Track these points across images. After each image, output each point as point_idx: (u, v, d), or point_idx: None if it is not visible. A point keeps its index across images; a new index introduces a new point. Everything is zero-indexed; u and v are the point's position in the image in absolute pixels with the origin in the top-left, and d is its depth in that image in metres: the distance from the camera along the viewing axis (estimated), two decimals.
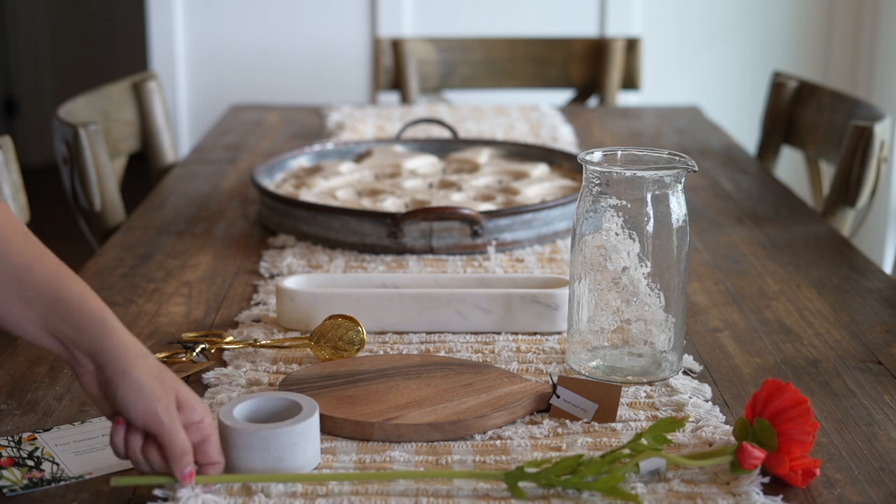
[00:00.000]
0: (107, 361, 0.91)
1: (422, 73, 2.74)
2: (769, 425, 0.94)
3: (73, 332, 0.91)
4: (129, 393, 0.90)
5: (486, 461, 0.97)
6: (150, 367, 0.91)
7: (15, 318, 0.91)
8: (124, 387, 0.90)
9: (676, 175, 1.11)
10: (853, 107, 1.96)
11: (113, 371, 0.90)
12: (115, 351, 0.91)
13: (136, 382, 0.90)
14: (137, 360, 0.91)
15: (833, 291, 1.41)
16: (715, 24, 3.39)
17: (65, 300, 0.92)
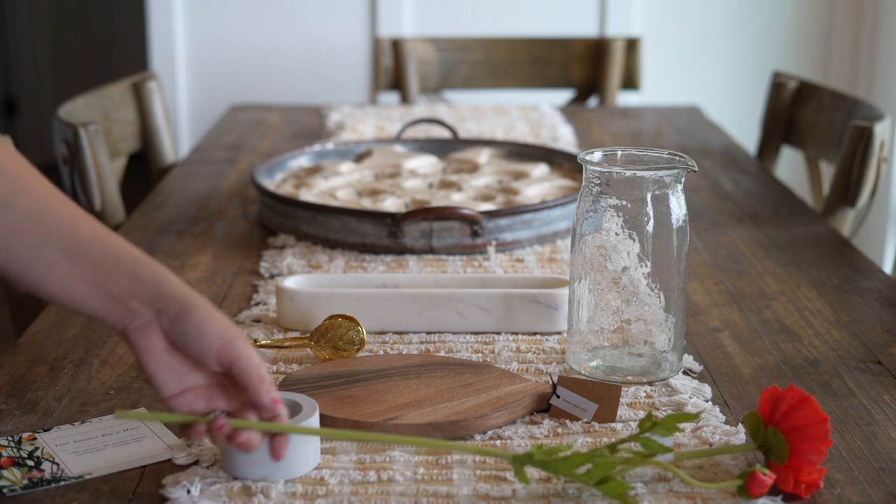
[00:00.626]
0: (169, 302, 0.89)
1: (422, 73, 2.74)
2: (784, 440, 0.93)
3: (130, 281, 0.89)
4: (201, 322, 0.88)
5: (487, 461, 0.97)
6: (210, 304, 0.91)
7: (61, 278, 0.89)
8: (195, 318, 0.88)
9: (676, 175, 1.11)
10: (853, 107, 1.96)
11: (178, 308, 0.88)
12: (176, 290, 0.89)
13: (206, 311, 0.89)
14: (199, 297, 0.90)
15: (833, 291, 1.41)
16: (715, 24, 3.39)
17: (115, 252, 0.90)
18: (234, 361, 0.89)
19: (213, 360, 0.89)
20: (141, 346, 0.90)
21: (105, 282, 0.89)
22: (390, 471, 0.95)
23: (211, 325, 0.89)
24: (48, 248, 0.89)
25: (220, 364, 0.90)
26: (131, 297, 0.89)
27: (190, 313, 0.89)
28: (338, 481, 0.94)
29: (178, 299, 0.89)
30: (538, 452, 0.90)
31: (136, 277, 0.89)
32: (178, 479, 0.94)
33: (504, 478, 0.94)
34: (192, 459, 0.97)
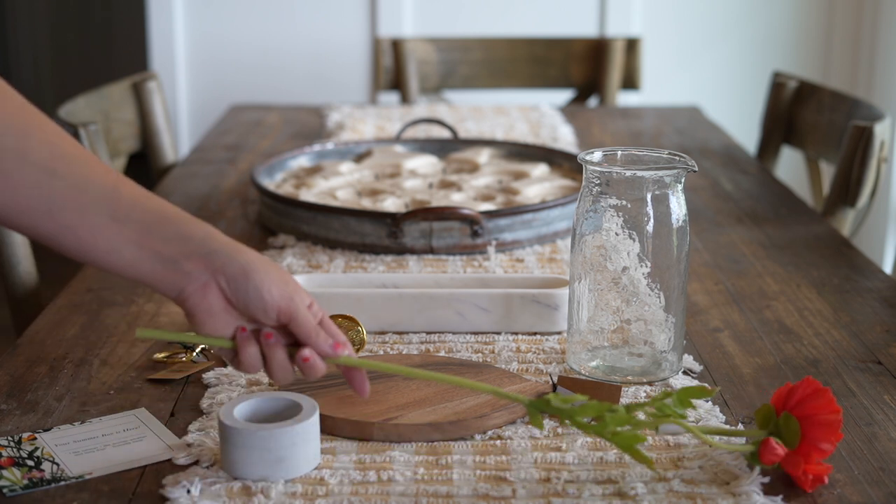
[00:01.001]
0: (226, 261, 0.88)
1: (422, 73, 2.74)
2: (797, 423, 0.93)
3: (181, 241, 0.88)
4: (261, 281, 0.88)
5: (486, 461, 0.97)
6: (264, 258, 0.91)
7: (109, 242, 0.88)
8: (256, 278, 0.88)
9: (676, 175, 1.11)
10: (853, 107, 1.96)
11: (238, 268, 0.88)
12: (230, 247, 0.89)
13: (265, 269, 0.89)
14: (252, 253, 0.90)
15: (833, 291, 1.41)
16: (715, 23, 3.40)
17: (162, 212, 0.89)
18: (292, 318, 0.90)
19: (274, 318, 0.90)
20: (201, 308, 0.89)
21: (156, 244, 0.88)
22: (390, 471, 0.95)
23: (271, 284, 0.89)
24: (94, 213, 0.88)
25: (279, 321, 0.90)
26: (185, 259, 0.88)
27: (250, 273, 0.89)
28: (338, 481, 0.94)
29: (234, 258, 0.89)
30: (554, 398, 0.91)
31: (187, 238, 0.88)
32: (178, 479, 0.94)
33: (504, 478, 0.94)
34: (192, 459, 0.97)
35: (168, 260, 0.88)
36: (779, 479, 0.95)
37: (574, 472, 0.95)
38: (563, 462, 0.97)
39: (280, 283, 0.89)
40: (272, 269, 0.90)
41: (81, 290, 1.39)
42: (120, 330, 1.27)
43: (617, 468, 0.96)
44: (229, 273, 0.89)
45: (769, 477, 0.95)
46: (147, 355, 1.20)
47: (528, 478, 0.95)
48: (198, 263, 0.89)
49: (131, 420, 1.05)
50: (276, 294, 0.89)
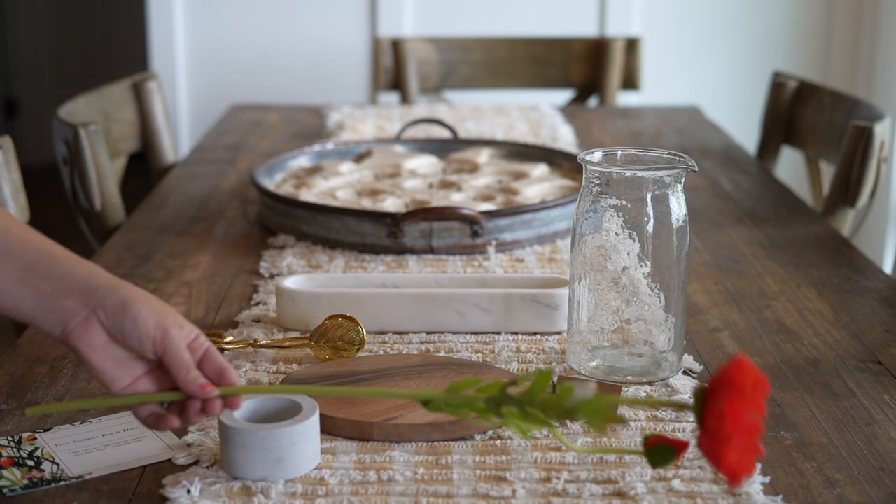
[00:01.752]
0: (105, 295, 0.90)
1: (422, 73, 2.74)
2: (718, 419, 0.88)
3: (63, 279, 0.90)
4: (140, 311, 0.89)
5: (486, 461, 0.97)
6: (145, 292, 0.92)
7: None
8: (133, 308, 0.89)
9: (676, 175, 1.11)
10: (853, 107, 1.96)
11: (116, 301, 0.90)
12: (111, 283, 0.91)
13: (142, 302, 0.90)
14: (134, 288, 0.91)
15: (833, 291, 1.41)
16: (715, 23, 3.39)
17: (49, 252, 0.91)
18: (165, 351, 0.90)
19: (150, 349, 0.90)
20: (83, 343, 0.90)
21: (38, 282, 0.90)
22: (390, 471, 0.95)
23: (147, 316, 0.90)
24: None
25: (155, 353, 0.91)
26: (65, 295, 0.90)
27: (127, 305, 0.90)
28: (338, 481, 0.94)
29: (113, 292, 0.90)
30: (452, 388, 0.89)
31: (69, 275, 0.90)
32: (178, 479, 0.94)
33: (504, 478, 0.94)
34: (192, 459, 0.97)
35: (49, 296, 0.90)
36: (779, 479, 0.95)
37: (574, 471, 0.95)
38: (563, 462, 0.97)
39: (156, 316, 0.90)
40: (151, 302, 0.91)
41: None
42: None
43: (617, 468, 0.96)
44: (108, 307, 0.90)
45: (769, 477, 0.95)
46: None
47: (528, 478, 0.94)
48: (78, 299, 0.90)
49: (131, 420, 1.05)
50: (150, 325, 0.90)
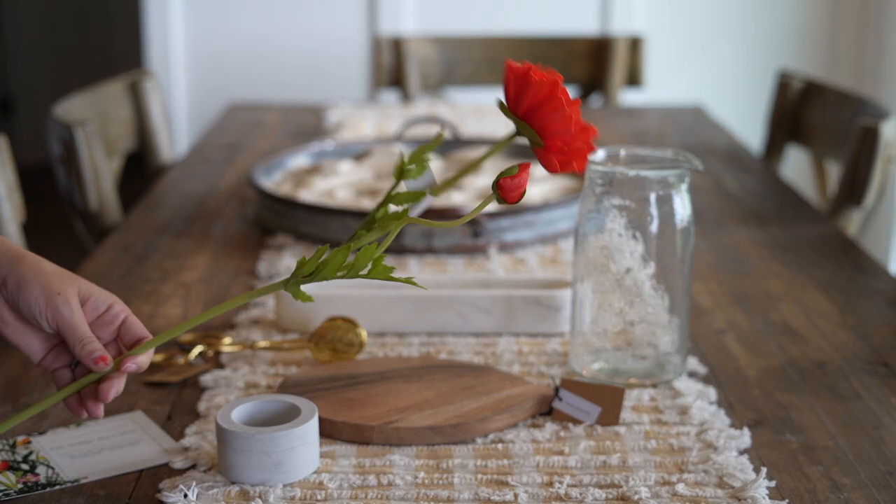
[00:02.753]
0: (7, 275, 0.89)
1: (422, 72, 2.73)
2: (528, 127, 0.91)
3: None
4: (29, 294, 0.88)
5: (488, 465, 0.96)
6: (45, 267, 0.90)
7: None
8: (24, 291, 0.88)
9: (680, 175, 1.10)
10: (859, 106, 1.95)
11: (12, 281, 0.88)
12: (12, 260, 0.89)
13: (33, 282, 0.88)
14: (31, 263, 0.89)
15: (839, 292, 1.39)
16: (719, 20, 3.39)
17: None
18: (61, 328, 0.89)
19: (48, 327, 0.89)
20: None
21: None
22: (390, 475, 0.94)
23: (38, 295, 0.88)
24: None
25: (53, 330, 0.90)
26: None
27: (21, 285, 0.88)
28: (337, 485, 0.93)
29: (13, 270, 0.89)
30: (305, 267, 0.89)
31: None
32: (174, 483, 0.93)
33: (506, 482, 0.93)
34: (190, 463, 0.96)
35: None
36: (785, 483, 0.94)
37: (577, 475, 0.94)
38: (566, 466, 0.96)
39: (46, 294, 0.88)
40: (44, 279, 0.89)
41: None
42: None
43: (620, 472, 0.95)
44: (8, 286, 0.89)
45: (775, 481, 0.94)
46: None
47: (530, 482, 0.93)
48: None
49: (127, 423, 1.04)
50: (41, 304, 0.88)
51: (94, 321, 0.91)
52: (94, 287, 0.91)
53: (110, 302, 0.91)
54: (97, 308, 0.91)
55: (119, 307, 0.91)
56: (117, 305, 0.91)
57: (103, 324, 0.91)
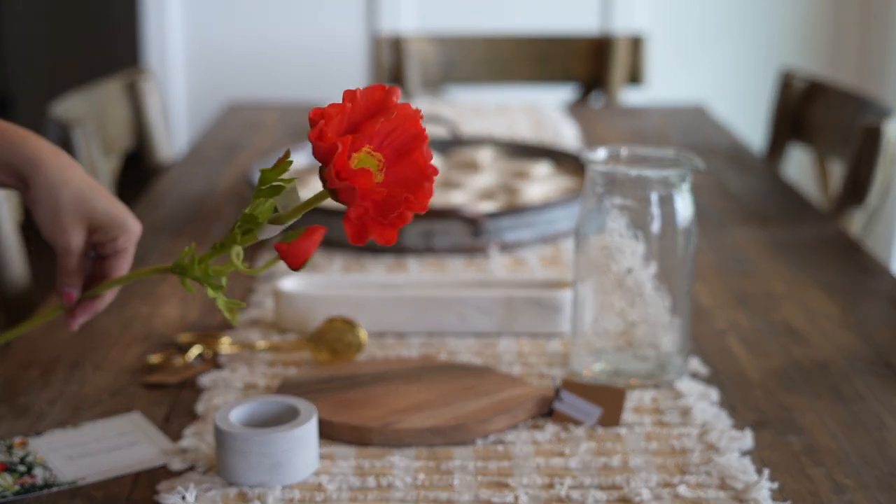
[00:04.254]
0: (30, 170, 0.90)
1: (422, 71, 2.72)
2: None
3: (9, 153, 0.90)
4: (36, 214, 0.91)
5: (488, 466, 0.96)
6: (60, 195, 0.92)
7: None
8: (34, 210, 0.91)
9: (682, 174, 1.09)
10: (862, 105, 1.95)
11: (34, 179, 0.90)
12: (35, 156, 0.91)
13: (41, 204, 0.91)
14: (43, 177, 0.91)
15: (841, 293, 1.39)
16: (721, 19, 3.38)
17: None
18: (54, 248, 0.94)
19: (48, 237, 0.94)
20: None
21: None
22: (390, 476, 0.94)
23: (42, 217, 0.92)
24: None
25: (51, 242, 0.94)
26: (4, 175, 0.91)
27: (33, 205, 0.92)
28: (336, 487, 0.92)
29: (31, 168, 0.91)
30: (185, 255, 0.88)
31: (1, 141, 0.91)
32: (172, 484, 0.92)
33: (506, 483, 0.93)
34: (188, 465, 0.96)
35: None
36: (787, 484, 0.94)
37: (578, 477, 0.94)
38: (567, 467, 0.96)
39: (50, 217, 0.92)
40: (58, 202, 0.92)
41: None
42: (114, 333, 1.25)
43: (621, 473, 0.94)
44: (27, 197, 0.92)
45: (777, 482, 0.93)
46: (141, 359, 1.18)
47: (531, 483, 0.93)
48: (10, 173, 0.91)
49: (125, 425, 1.03)
50: (46, 227, 0.92)
51: (98, 242, 0.95)
52: (108, 215, 0.94)
53: (115, 235, 0.95)
54: (106, 234, 0.95)
55: (121, 241, 0.95)
56: (121, 239, 0.95)
57: (106, 244, 0.95)
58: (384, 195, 0.75)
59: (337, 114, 0.74)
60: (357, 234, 0.75)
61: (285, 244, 0.78)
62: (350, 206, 0.75)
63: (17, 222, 1.62)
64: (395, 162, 0.77)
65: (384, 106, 0.77)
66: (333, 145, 0.74)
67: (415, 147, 0.78)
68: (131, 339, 1.23)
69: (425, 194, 0.77)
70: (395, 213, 0.76)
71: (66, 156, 0.93)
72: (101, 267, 0.97)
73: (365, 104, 0.76)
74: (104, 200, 0.94)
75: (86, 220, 0.93)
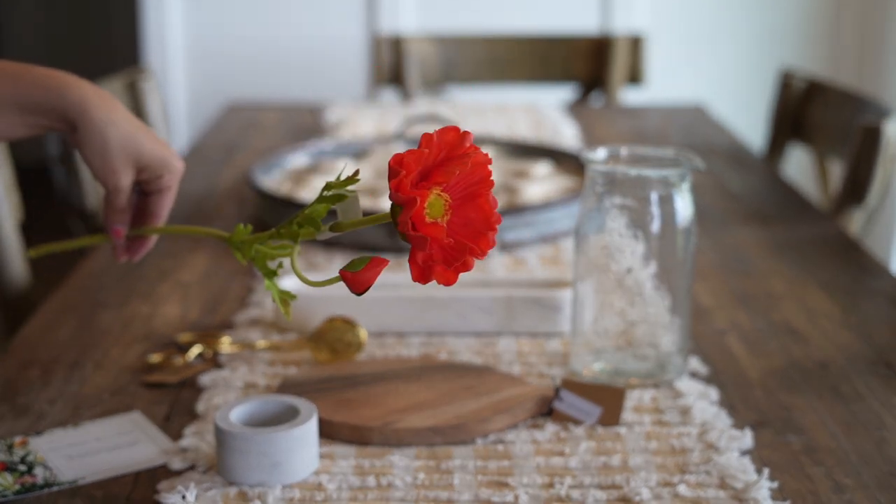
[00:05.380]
0: (76, 114, 0.93)
1: (422, 70, 2.72)
2: None
3: (43, 92, 0.92)
4: (85, 158, 0.94)
5: (488, 466, 0.95)
6: (114, 118, 0.94)
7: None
8: (83, 153, 0.94)
9: (682, 174, 1.09)
10: (862, 105, 1.95)
11: (81, 122, 0.93)
12: (81, 100, 0.93)
13: (89, 148, 0.94)
14: (101, 111, 0.93)
15: (842, 293, 1.39)
16: (721, 18, 3.38)
17: (30, 69, 0.95)
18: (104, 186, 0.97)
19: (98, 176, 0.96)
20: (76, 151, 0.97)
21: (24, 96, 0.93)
22: (390, 476, 0.94)
23: (90, 160, 0.95)
24: None
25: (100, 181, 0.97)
26: (44, 114, 0.93)
27: (81, 147, 0.94)
28: (336, 486, 0.92)
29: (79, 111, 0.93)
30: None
31: (48, 88, 0.93)
32: (172, 484, 0.92)
33: (506, 483, 0.93)
34: (188, 464, 0.96)
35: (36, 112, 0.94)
36: (787, 484, 0.94)
37: (578, 476, 0.94)
38: (567, 467, 0.96)
39: (99, 161, 0.95)
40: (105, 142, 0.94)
41: (74, 291, 1.38)
42: (114, 332, 1.25)
43: (621, 473, 0.94)
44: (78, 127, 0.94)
45: (777, 482, 0.93)
46: (141, 358, 1.18)
47: (531, 483, 0.93)
48: (58, 116, 0.94)
49: (125, 424, 1.03)
50: (95, 167, 0.95)
51: (144, 180, 0.98)
52: (154, 155, 0.96)
53: (161, 173, 0.98)
54: (152, 172, 0.98)
55: (167, 179, 0.98)
56: (167, 176, 0.98)
57: (151, 181, 0.99)
58: (451, 244, 0.79)
59: (415, 162, 0.77)
60: (421, 275, 0.79)
61: (350, 273, 0.81)
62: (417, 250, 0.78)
63: (17, 222, 1.62)
64: (461, 204, 0.80)
65: (458, 148, 0.79)
66: (412, 199, 0.77)
67: (481, 192, 0.81)
68: (131, 339, 1.23)
69: (488, 243, 0.80)
70: (458, 262, 0.79)
71: (110, 97, 0.95)
72: (146, 203, 1.01)
73: (439, 146, 0.79)
74: (150, 141, 0.97)
75: (133, 160, 0.96)
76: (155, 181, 0.99)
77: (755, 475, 0.94)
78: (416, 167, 0.77)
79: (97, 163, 0.95)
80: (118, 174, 0.96)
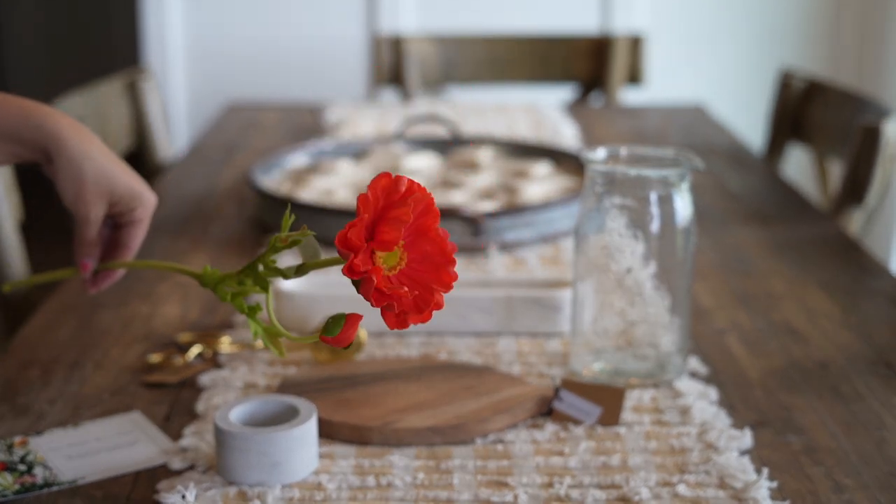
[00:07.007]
0: (53, 146, 0.94)
1: (422, 71, 2.72)
2: None
3: (20, 122, 0.93)
4: (58, 184, 0.95)
5: (488, 465, 0.95)
6: (84, 170, 0.95)
7: None
8: (56, 180, 0.94)
9: (681, 174, 1.09)
10: (862, 105, 1.95)
11: (57, 153, 0.93)
12: (58, 132, 0.94)
13: (62, 174, 0.94)
14: (77, 143, 0.94)
15: (842, 293, 1.39)
16: (721, 18, 3.38)
17: (7, 99, 0.94)
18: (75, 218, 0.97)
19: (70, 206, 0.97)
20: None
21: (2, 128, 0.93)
22: (390, 476, 0.94)
23: (64, 188, 0.96)
24: None
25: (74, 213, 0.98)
26: (21, 144, 0.94)
27: (55, 175, 0.95)
28: (336, 486, 0.92)
29: (55, 142, 0.94)
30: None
31: (27, 119, 0.93)
32: (172, 484, 0.92)
33: (506, 483, 0.93)
34: (187, 464, 0.96)
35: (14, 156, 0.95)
36: (787, 484, 0.94)
37: (577, 476, 0.94)
38: (566, 467, 0.96)
39: (73, 190, 0.95)
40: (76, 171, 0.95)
41: (74, 291, 1.38)
42: (114, 332, 1.25)
43: (621, 473, 0.94)
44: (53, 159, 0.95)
45: (777, 482, 0.93)
46: (141, 358, 1.18)
47: (530, 483, 0.93)
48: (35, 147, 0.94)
49: (125, 424, 1.03)
50: (68, 197, 0.96)
51: (117, 213, 1.00)
52: (127, 188, 0.98)
53: (133, 206, 0.99)
54: (125, 206, 0.99)
55: (139, 212, 0.99)
56: (139, 210, 0.99)
57: (124, 214, 1.00)
58: (417, 296, 0.81)
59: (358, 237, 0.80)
60: (397, 325, 0.82)
61: (330, 338, 0.83)
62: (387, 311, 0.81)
63: (17, 222, 1.62)
64: (414, 240, 0.84)
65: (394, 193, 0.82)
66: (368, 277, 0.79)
67: (429, 224, 0.85)
68: (131, 339, 1.23)
69: (451, 276, 0.83)
70: (428, 308, 0.81)
71: (87, 130, 0.96)
72: (118, 236, 1.02)
73: (375, 197, 0.81)
74: (124, 174, 0.98)
75: (107, 193, 0.97)
76: (128, 213, 1.00)
77: (755, 475, 0.94)
78: (362, 241, 0.79)
79: (71, 194, 0.96)
80: (91, 206, 0.97)
